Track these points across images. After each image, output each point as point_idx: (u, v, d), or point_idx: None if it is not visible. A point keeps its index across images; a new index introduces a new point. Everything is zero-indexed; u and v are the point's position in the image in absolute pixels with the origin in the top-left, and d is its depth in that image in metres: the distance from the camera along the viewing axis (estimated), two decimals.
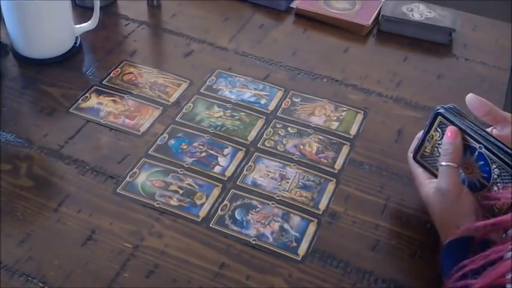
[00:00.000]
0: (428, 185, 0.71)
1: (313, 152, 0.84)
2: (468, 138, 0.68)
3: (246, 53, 1.01)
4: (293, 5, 1.11)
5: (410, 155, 0.75)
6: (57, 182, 0.79)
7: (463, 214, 0.67)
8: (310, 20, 1.08)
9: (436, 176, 0.71)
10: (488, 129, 0.70)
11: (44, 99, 0.90)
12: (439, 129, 0.70)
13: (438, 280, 0.66)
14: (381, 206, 0.78)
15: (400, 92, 0.95)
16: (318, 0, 1.10)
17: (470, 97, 0.71)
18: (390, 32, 1.06)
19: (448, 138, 0.68)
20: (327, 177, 0.81)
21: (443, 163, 0.68)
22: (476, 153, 0.67)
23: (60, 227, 0.73)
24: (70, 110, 0.89)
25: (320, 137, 0.86)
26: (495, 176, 0.66)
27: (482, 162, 0.67)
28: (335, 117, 0.89)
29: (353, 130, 0.88)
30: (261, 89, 0.94)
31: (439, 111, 0.70)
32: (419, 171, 0.73)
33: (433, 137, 0.71)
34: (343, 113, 0.90)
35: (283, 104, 0.91)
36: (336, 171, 0.82)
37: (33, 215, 0.74)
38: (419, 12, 1.06)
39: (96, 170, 0.80)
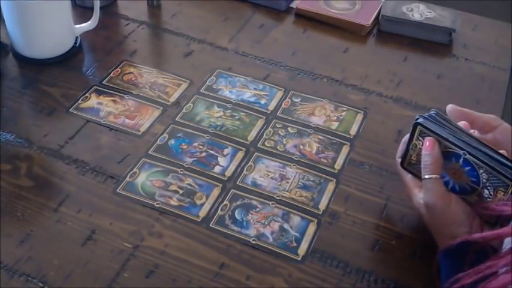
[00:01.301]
0: (417, 195, 0.70)
1: (313, 152, 0.84)
2: (451, 145, 0.66)
3: (246, 53, 1.01)
4: (293, 5, 1.11)
5: (398, 160, 0.74)
6: (57, 182, 0.79)
7: (456, 223, 0.66)
8: (310, 20, 1.08)
9: None
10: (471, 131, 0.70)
11: (44, 99, 0.90)
12: (420, 139, 0.69)
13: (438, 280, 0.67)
14: (381, 206, 0.78)
15: (400, 92, 0.95)
16: (318, 0, 1.10)
17: (449, 108, 0.72)
18: (390, 32, 1.06)
19: (426, 150, 0.68)
20: (327, 177, 0.81)
21: (426, 176, 0.68)
22: (461, 159, 0.66)
23: (60, 227, 0.73)
24: (70, 110, 0.89)
25: (320, 137, 0.86)
26: (484, 180, 0.65)
27: (468, 168, 0.66)
28: (335, 117, 0.89)
29: (353, 130, 0.88)
30: (261, 89, 0.94)
31: (418, 121, 0.69)
32: (408, 178, 0.73)
33: (416, 146, 0.70)
34: (343, 113, 0.90)
35: (283, 104, 0.91)
36: (336, 171, 0.82)
37: (33, 215, 0.74)
38: (419, 12, 1.06)
39: (96, 170, 0.80)
